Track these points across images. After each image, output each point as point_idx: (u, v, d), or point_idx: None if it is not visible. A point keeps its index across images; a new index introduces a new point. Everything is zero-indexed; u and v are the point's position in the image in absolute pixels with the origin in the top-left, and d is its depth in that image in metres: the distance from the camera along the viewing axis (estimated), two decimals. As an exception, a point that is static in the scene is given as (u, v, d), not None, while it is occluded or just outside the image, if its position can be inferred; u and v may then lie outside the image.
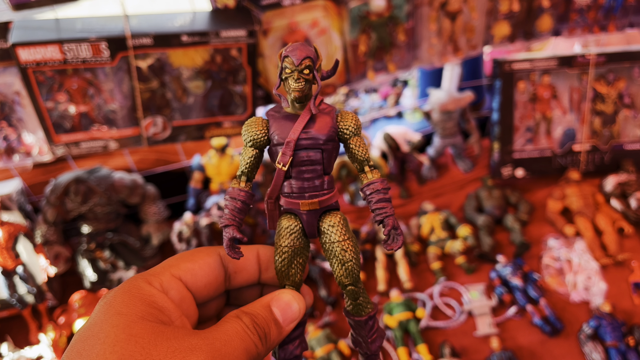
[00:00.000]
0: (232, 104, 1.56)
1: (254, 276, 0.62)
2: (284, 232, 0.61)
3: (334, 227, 0.60)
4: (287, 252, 0.60)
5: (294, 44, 0.59)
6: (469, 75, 2.14)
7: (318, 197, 0.60)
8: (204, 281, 0.57)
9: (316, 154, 0.59)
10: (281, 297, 0.58)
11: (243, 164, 0.61)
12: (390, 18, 1.62)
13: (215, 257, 0.59)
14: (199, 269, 0.57)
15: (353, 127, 0.61)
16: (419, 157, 2.04)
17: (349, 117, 0.61)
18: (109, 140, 1.51)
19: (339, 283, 0.62)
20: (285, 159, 0.58)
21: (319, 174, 0.60)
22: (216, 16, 1.47)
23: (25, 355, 1.47)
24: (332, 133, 0.60)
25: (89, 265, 1.64)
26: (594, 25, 1.83)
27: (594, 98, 1.88)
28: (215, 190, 1.81)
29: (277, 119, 0.61)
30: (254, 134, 0.60)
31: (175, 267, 0.56)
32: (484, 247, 1.71)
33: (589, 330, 1.42)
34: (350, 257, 0.60)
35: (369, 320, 0.65)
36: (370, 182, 0.61)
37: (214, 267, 0.59)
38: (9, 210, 1.60)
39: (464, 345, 1.47)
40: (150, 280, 0.53)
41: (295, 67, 0.57)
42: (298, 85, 0.58)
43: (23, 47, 1.28)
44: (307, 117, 0.59)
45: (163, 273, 0.54)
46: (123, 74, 1.41)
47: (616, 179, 1.83)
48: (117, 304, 0.49)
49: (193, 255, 0.58)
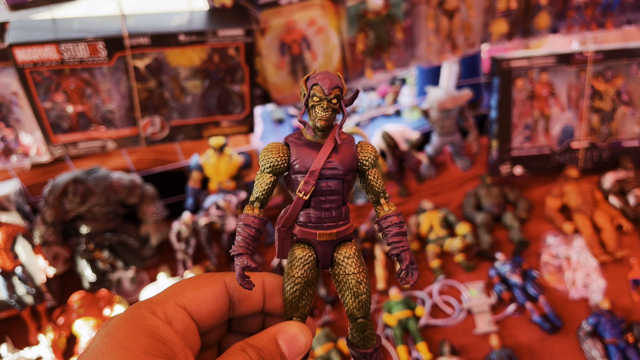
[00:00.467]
0: (230, 103, 1.56)
1: (258, 305, 0.60)
2: (298, 263, 0.59)
3: (349, 258, 0.60)
4: (300, 283, 0.59)
5: (322, 72, 0.58)
6: (467, 73, 2.14)
7: (336, 227, 0.60)
8: (209, 310, 0.55)
9: (337, 184, 0.59)
10: (288, 329, 0.56)
11: (259, 190, 0.59)
12: (388, 16, 1.62)
13: (220, 285, 0.57)
14: (204, 298, 0.55)
15: (372, 159, 0.61)
16: (418, 156, 2.04)
17: (369, 148, 0.61)
18: (107, 141, 1.51)
19: (350, 315, 0.60)
20: (308, 188, 0.57)
21: (338, 204, 0.60)
22: (213, 15, 1.47)
23: (24, 356, 1.47)
24: (354, 164, 0.60)
25: (88, 265, 1.64)
26: (592, 23, 1.83)
27: (592, 95, 1.88)
28: (214, 189, 1.80)
29: (298, 146, 0.59)
30: (275, 160, 0.59)
31: (180, 295, 0.54)
32: (483, 245, 1.71)
33: (588, 328, 1.42)
34: (364, 289, 0.60)
35: (374, 353, 0.63)
36: (387, 215, 0.61)
37: (220, 296, 0.57)
38: (7, 211, 1.60)
39: (463, 343, 1.47)
40: (154, 310, 0.51)
41: (325, 96, 0.57)
42: (326, 114, 0.57)
43: (20, 47, 1.28)
44: (331, 146, 0.58)
45: (167, 302, 0.52)
46: (120, 73, 1.41)
47: (614, 176, 1.83)
48: (120, 336, 0.47)
49: (198, 283, 0.56)
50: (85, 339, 1.48)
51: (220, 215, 1.68)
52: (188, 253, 1.70)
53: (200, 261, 1.73)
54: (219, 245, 1.76)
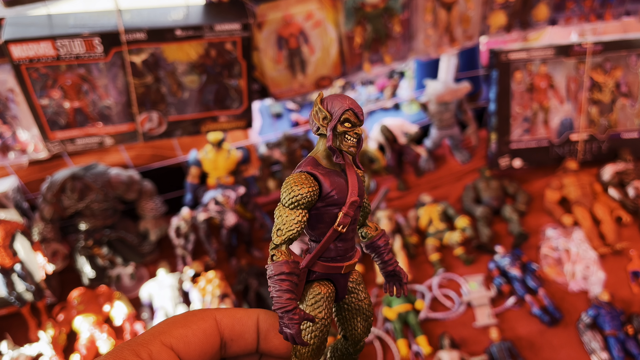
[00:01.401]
0: (228, 98, 1.56)
1: (251, 345, 0.55)
2: (322, 303, 0.54)
3: (360, 284, 0.58)
4: (328, 325, 0.54)
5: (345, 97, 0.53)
6: (466, 66, 2.13)
7: (354, 256, 0.57)
8: (198, 350, 0.51)
9: (356, 212, 0.55)
10: None
11: (289, 229, 0.52)
12: (386, 9, 1.61)
13: (210, 322, 0.52)
14: (192, 336, 0.51)
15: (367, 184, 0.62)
16: (417, 149, 2.03)
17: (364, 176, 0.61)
18: (105, 137, 1.50)
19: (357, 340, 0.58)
20: (347, 220, 0.53)
21: (355, 232, 0.57)
22: (210, 10, 1.46)
23: (24, 353, 1.47)
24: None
25: (87, 262, 1.64)
26: (591, 14, 1.82)
27: (591, 87, 1.88)
28: (213, 185, 1.80)
29: (326, 175, 0.53)
30: (308, 194, 0.52)
31: (167, 333, 0.50)
32: (483, 238, 1.71)
33: (587, 320, 1.42)
34: (372, 311, 0.59)
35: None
36: (380, 235, 0.59)
37: (210, 334, 0.52)
38: (5, 208, 1.60)
39: (463, 336, 1.47)
40: (139, 351, 0.47)
41: (359, 122, 0.53)
42: (354, 141, 0.53)
43: (16, 43, 1.27)
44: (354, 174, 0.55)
45: (153, 342, 0.49)
46: (117, 69, 1.40)
47: (614, 168, 1.83)
48: None
49: (187, 320, 0.52)
50: (85, 335, 1.48)
51: (219, 210, 1.68)
52: (187, 249, 1.69)
53: (199, 257, 1.73)
54: (218, 240, 1.75)
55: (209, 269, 1.67)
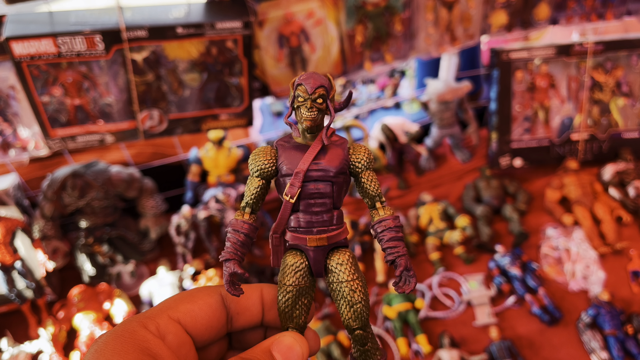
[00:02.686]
0: (229, 96, 1.56)
1: (257, 317, 0.58)
2: (289, 270, 0.57)
3: (342, 265, 0.57)
4: (292, 291, 0.57)
5: (307, 73, 0.57)
6: (467, 65, 2.13)
7: (326, 232, 0.57)
8: (205, 323, 0.53)
9: (326, 186, 0.57)
10: (282, 340, 0.54)
11: (248, 195, 0.58)
12: (387, 8, 1.61)
13: (216, 297, 0.55)
14: (199, 310, 0.53)
15: (365, 161, 0.59)
16: (417, 148, 2.03)
17: (362, 150, 0.59)
18: (106, 134, 1.50)
19: (346, 327, 0.58)
20: (294, 190, 0.56)
21: (328, 207, 0.57)
22: (211, 8, 1.46)
23: (25, 350, 1.47)
24: (344, 166, 0.58)
25: (88, 259, 1.64)
26: (592, 13, 1.82)
27: (592, 87, 1.88)
28: (213, 183, 1.80)
29: (286, 149, 0.58)
30: (262, 164, 0.58)
31: (174, 308, 0.52)
32: (483, 237, 1.71)
33: (587, 319, 1.42)
34: (359, 298, 0.57)
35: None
36: (382, 219, 0.58)
37: (216, 309, 0.54)
38: (6, 205, 1.60)
39: (463, 335, 1.47)
40: (146, 324, 0.49)
41: (309, 95, 0.56)
42: (311, 114, 0.56)
43: (17, 40, 1.27)
44: (318, 147, 0.57)
45: (160, 315, 0.51)
46: (118, 67, 1.40)
47: (614, 167, 1.83)
48: (108, 353, 0.46)
49: (193, 296, 0.54)
50: (85, 333, 1.48)
51: (219, 208, 1.68)
52: (187, 246, 1.70)
53: (199, 255, 1.73)
54: (219, 238, 1.75)
55: (209, 267, 1.67)
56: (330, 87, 0.57)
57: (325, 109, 0.57)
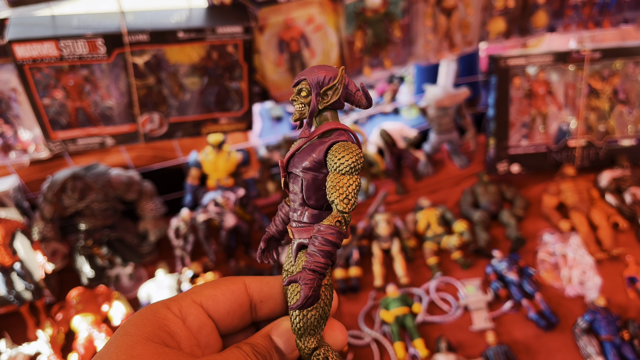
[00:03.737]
0: (229, 100, 1.57)
1: (281, 306, 0.58)
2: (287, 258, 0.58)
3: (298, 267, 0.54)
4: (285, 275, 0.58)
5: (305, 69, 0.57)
6: (465, 71, 2.15)
7: (295, 227, 0.55)
8: (227, 308, 0.55)
9: (296, 180, 0.55)
10: (281, 324, 0.55)
11: None
12: (386, 14, 1.63)
13: (240, 284, 0.57)
14: (221, 295, 0.55)
15: (335, 164, 0.52)
16: (415, 153, 2.04)
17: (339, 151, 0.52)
18: (106, 137, 1.51)
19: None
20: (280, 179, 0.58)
21: (300, 203, 0.55)
22: (212, 12, 1.47)
23: (23, 352, 1.47)
24: (315, 164, 0.53)
25: (87, 261, 1.64)
26: (589, 21, 1.84)
27: (589, 94, 1.89)
28: (212, 186, 1.81)
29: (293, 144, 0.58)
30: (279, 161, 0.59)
31: (198, 293, 0.54)
32: (480, 243, 1.72)
33: (583, 324, 1.43)
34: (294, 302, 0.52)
35: None
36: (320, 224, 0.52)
37: (238, 295, 0.56)
38: (6, 207, 1.60)
39: (460, 340, 1.48)
40: (169, 305, 0.52)
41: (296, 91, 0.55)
42: (295, 107, 0.56)
43: (19, 43, 1.28)
44: (303, 142, 0.56)
45: (184, 299, 0.53)
46: (119, 70, 1.41)
47: (611, 174, 1.84)
48: (128, 326, 0.49)
49: (217, 283, 0.56)
50: (83, 335, 1.48)
51: (218, 212, 1.69)
52: (186, 250, 1.70)
53: (198, 258, 1.73)
54: (217, 241, 1.76)
55: (207, 270, 1.68)
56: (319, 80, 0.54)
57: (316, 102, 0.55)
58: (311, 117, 0.55)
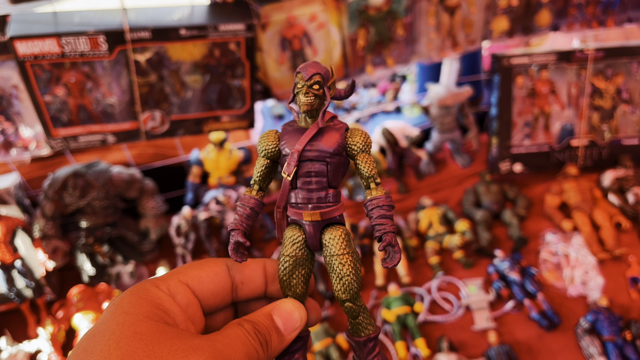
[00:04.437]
0: (231, 98, 1.56)
1: (260, 288, 0.62)
2: (287, 242, 0.62)
3: (334, 239, 0.60)
4: (289, 261, 0.61)
5: (307, 62, 0.62)
6: (468, 70, 2.14)
7: (321, 208, 0.61)
8: (211, 288, 0.58)
9: (321, 166, 0.61)
10: (282, 306, 0.58)
11: (256, 173, 0.64)
12: (389, 12, 1.62)
13: (222, 266, 0.60)
14: (205, 277, 0.58)
15: (361, 144, 0.63)
16: (417, 152, 2.04)
17: (358, 134, 0.63)
18: (107, 134, 1.50)
19: (337, 298, 0.61)
20: (290, 169, 0.60)
21: (324, 186, 0.61)
22: (214, 10, 1.47)
23: (23, 349, 1.47)
24: (339, 148, 0.62)
25: (87, 259, 1.64)
26: (593, 21, 1.83)
27: (592, 93, 1.88)
28: (214, 184, 1.80)
29: (288, 132, 0.63)
30: (266, 145, 0.63)
31: (183, 273, 0.57)
32: (482, 242, 1.71)
33: (586, 325, 1.43)
34: (347, 271, 0.60)
35: (369, 342, 0.63)
36: (374, 198, 0.62)
37: (221, 276, 0.59)
38: (7, 204, 1.60)
39: (461, 340, 1.47)
40: (158, 284, 0.54)
41: (305, 82, 0.60)
42: (307, 99, 0.60)
43: (21, 40, 1.28)
44: (315, 130, 0.61)
45: (171, 278, 0.55)
46: (121, 67, 1.41)
47: (614, 174, 1.84)
48: (125, 304, 0.50)
49: (201, 264, 0.59)
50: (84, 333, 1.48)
51: (219, 210, 1.69)
52: (187, 248, 1.70)
53: (199, 256, 1.73)
54: (218, 240, 1.76)
55: (208, 268, 1.67)
56: (328, 74, 0.62)
57: (322, 94, 0.61)
58: (326, 108, 0.62)
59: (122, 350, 0.45)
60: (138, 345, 0.46)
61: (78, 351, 0.47)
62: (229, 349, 0.50)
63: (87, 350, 0.46)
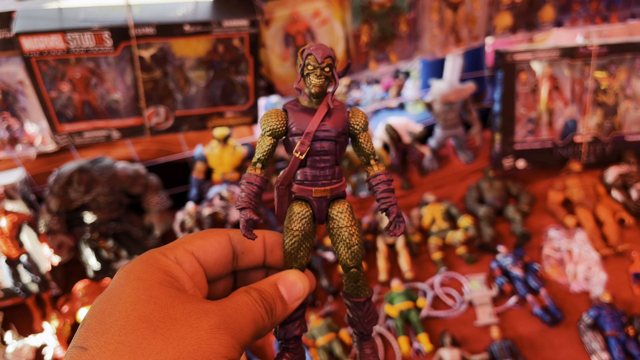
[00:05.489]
0: (234, 94, 1.57)
1: (259, 258, 0.66)
2: (296, 217, 0.65)
3: (342, 213, 0.65)
4: (298, 235, 0.64)
5: (316, 44, 0.63)
6: (471, 66, 2.14)
7: (329, 185, 0.65)
8: (214, 257, 0.61)
9: (330, 145, 0.64)
10: (287, 276, 0.62)
11: (260, 152, 0.65)
12: (392, 8, 1.62)
13: (225, 237, 0.63)
14: (209, 246, 0.61)
15: (363, 123, 0.66)
16: (421, 149, 2.04)
17: (359, 114, 0.67)
18: (112, 130, 1.51)
19: (344, 266, 0.66)
20: (304, 148, 0.63)
21: (332, 164, 0.65)
22: (218, 6, 1.47)
23: (29, 344, 1.48)
24: (345, 128, 0.65)
25: (92, 254, 1.65)
26: (596, 16, 1.82)
27: (595, 89, 1.88)
28: (218, 180, 1.81)
29: (295, 111, 0.65)
30: (274, 124, 0.64)
31: (188, 243, 0.60)
32: (485, 238, 1.71)
33: (588, 320, 1.43)
34: (356, 241, 0.65)
35: (367, 302, 0.68)
36: (376, 174, 0.66)
37: (224, 246, 0.62)
38: (12, 199, 1.61)
39: (464, 335, 1.48)
40: (166, 253, 0.56)
41: (318, 64, 0.62)
42: (319, 81, 0.62)
43: (26, 36, 1.29)
44: (325, 111, 0.64)
45: (177, 247, 0.58)
46: (126, 63, 1.42)
47: (617, 170, 1.84)
48: (137, 271, 0.52)
49: (205, 234, 0.62)
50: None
51: (223, 205, 1.69)
52: (191, 243, 1.70)
53: (203, 251, 1.73)
54: (222, 235, 1.76)
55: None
56: (335, 57, 0.64)
57: (332, 76, 0.64)
58: (335, 89, 0.64)
59: (139, 312, 0.48)
60: (154, 308, 0.48)
61: (95, 312, 0.49)
62: (237, 314, 0.53)
63: (105, 312, 0.49)
